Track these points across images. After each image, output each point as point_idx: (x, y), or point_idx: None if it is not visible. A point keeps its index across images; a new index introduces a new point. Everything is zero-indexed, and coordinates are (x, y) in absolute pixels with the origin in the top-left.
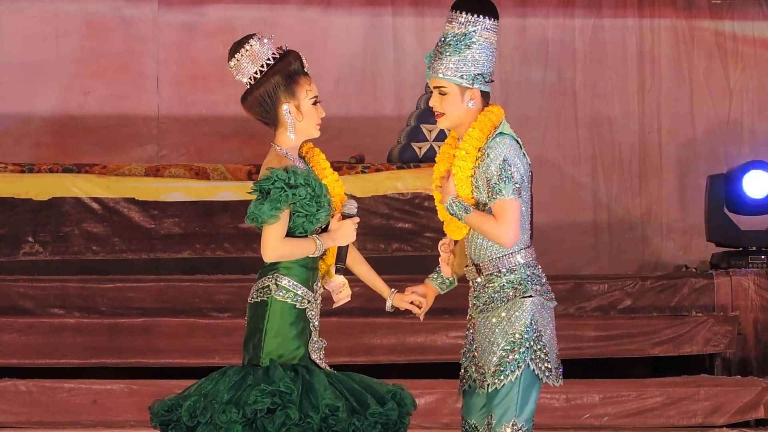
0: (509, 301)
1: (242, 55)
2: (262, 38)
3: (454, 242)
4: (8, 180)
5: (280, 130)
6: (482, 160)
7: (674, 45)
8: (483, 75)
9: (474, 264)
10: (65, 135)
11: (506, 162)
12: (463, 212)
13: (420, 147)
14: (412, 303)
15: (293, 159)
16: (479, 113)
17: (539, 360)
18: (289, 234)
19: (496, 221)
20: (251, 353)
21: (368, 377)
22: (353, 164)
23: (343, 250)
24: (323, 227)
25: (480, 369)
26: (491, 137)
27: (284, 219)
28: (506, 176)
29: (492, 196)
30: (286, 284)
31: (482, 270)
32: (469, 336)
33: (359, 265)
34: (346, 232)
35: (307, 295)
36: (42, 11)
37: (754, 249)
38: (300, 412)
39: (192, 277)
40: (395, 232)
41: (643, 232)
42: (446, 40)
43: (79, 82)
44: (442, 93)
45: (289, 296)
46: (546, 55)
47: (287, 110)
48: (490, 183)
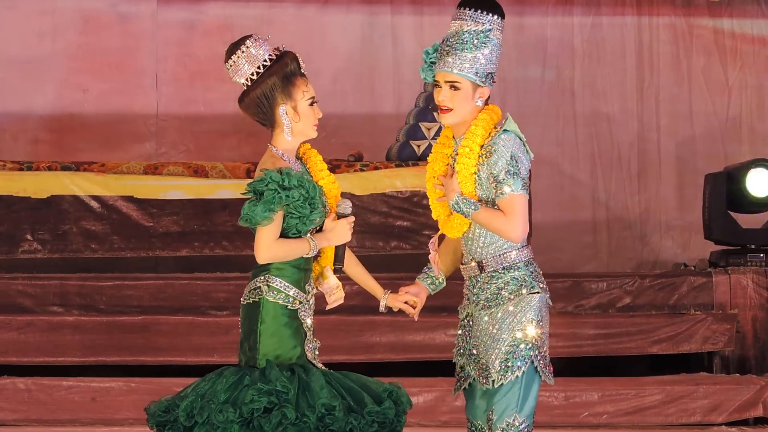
0: (517, 297)
1: (239, 56)
2: (259, 39)
3: (439, 242)
4: (7, 178)
5: (277, 131)
6: (487, 157)
7: (673, 43)
8: (493, 74)
9: (476, 261)
10: (63, 132)
11: (513, 158)
12: (471, 209)
13: (418, 145)
14: (407, 303)
15: (289, 160)
16: (480, 112)
17: (542, 357)
18: (283, 235)
19: (506, 216)
20: (248, 354)
21: (364, 376)
22: (352, 162)
23: (341, 250)
24: (317, 228)
25: (482, 365)
26: (497, 134)
27: (278, 220)
28: (514, 172)
29: (500, 192)
30: (278, 285)
31: (485, 267)
32: (464, 334)
33: (353, 266)
34: (341, 232)
35: (299, 296)
36: (38, 7)
37: (753, 247)
38: (296, 412)
39: (190, 275)
40: (394, 230)
41: (642, 230)
42: (461, 36)
43: (77, 79)
44: (455, 88)
45: (281, 297)
46: (544, 53)
47: (284, 111)
48: (497, 179)
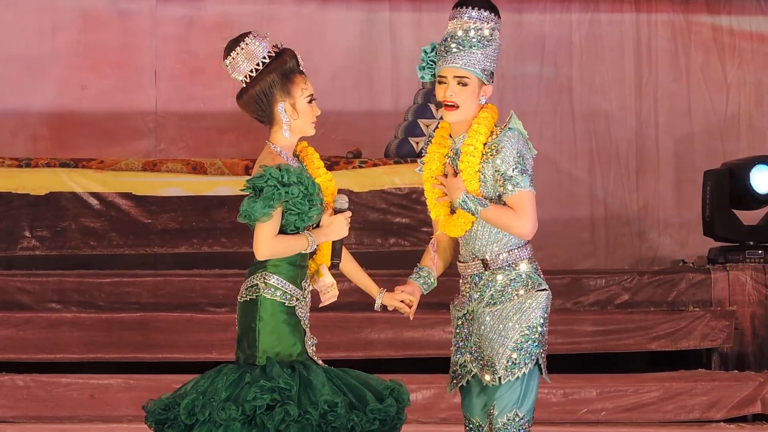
0: (524, 293)
1: (238, 54)
2: (258, 36)
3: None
4: (5, 175)
5: (275, 128)
6: (493, 155)
7: (671, 40)
8: (493, 73)
9: (480, 259)
10: (62, 129)
11: (520, 155)
12: (480, 206)
13: (417, 142)
14: (402, 302)
15: (287, 157)
16: (479, 111)
17: (544, 353)
18: (281, 231)
19: (516, 213)
20: (246, 352)
21: (365, 373)
22: (350, 159)
23: (338, 245)
24: (314, 224)
25: (487, 362)
26: (501, 132)
27: (277, 217)
28: (522, 169)
29: (508, 189)
30: (275, 282)
31: (489, 264)
32: (463, 332)
33: (348, 264)
34: (338, 228)
35: (296, 293)
36: (38, 5)
37: (752, 244)
38: (299, 409)
39: (189, 272)
40: (392, 227)
41: (640, 227)
42: (468, 34)
43: (76, 76)
44: (463, 84)
45: (278, 294)
46: (543, 50)
47: (283, 108)
48: (505, 176)
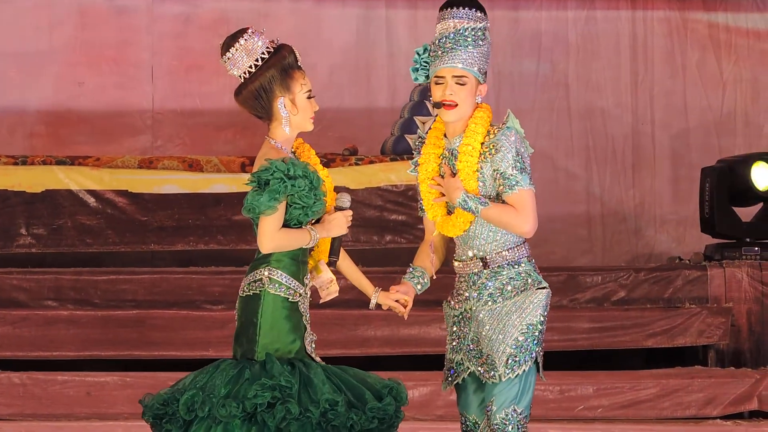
0: (525, 291)
1: (236, 49)
2: (256, 32)
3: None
4: (1, 172)
5: (275, 124)
6: (492, 155)
7: (667, 37)
8: (486, 73)
9: (479, 258)
10: (59, 126)
11: (518, 154)
12: (480, 205)
13: (413, 139)
14: (398, 302)
15: (287, 152)
16: (475, 110)
17: (542, 351)
18: (285, 226)
19: (517, 211)
20: (245, 347)
21: (362, 371)
22: (346, 156)
23: (336, 243)
24: (315, 220)
25: (486, 359)
26: (499, 131)
27: (281, 210)
28: (521, 167)
29: (508, 188)
30: (279, 277)
31: (489, 263)
32: (459, 330)
33: (343, 261)
34: (339, 225)
35: (299, 289)
36: (35, 1)
37: (748, 241)
38: (299, 407)
39: (185, 270)
40: (389, 224)
41: (637, 224)
42: (463, 33)
43: (73, 73)
44: (461, 83)
45: (282, 289)
46: (539, 47)
47: (282, 104)
48: (504, 175)
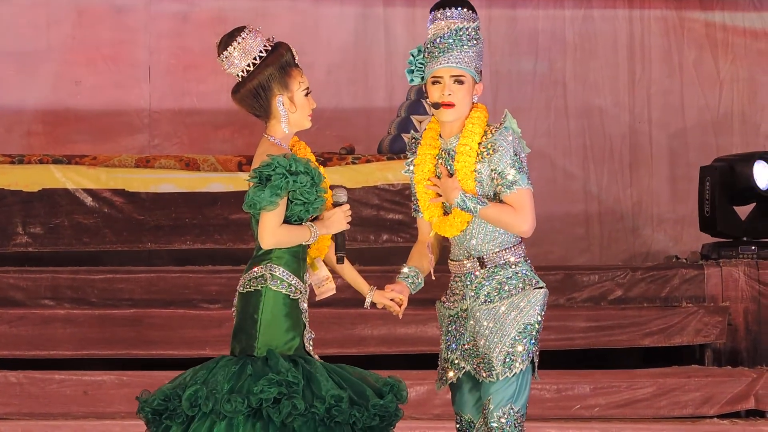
0: (522, 291)
1: (234, 48)
2: (253, 31)
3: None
4: None
5: (273, 122)
6: (490, 155)
7: (664, 36)
8: (481, 71)
9: (476, 258)
10: (56, 125)
11: (516, 153)
12: (479, 205)
13: (408, 139)
14: (393, 300)
15: (286, 149)
16: (471, 110)
17: (538, 350)
18: (285, 222)
19: (515, 211)
20: (244, 343)
21: (360, 369)
22: (343, 155)
23: (340, 239)
24: (315, 217)
25: (483, 358)
26: (497, 131)
27: (282, 206)
28: (519, 167)
29: (507, 187)
30: (280, 274)
31: (486, 262)
32: (456, 330)
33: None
34: (337, 220)
35: (299, 286)
36: (32, 0)
37: (745, 240)
38: (305, 402)
39: (182, 269)
40: (385, 223)
41: (634, 223)
42: (457, 33)
43: (70, 72)
44: (460, 82)
45: (283, 286)
46: (536, 46)
47: (280, 102)
48: (502, 175)
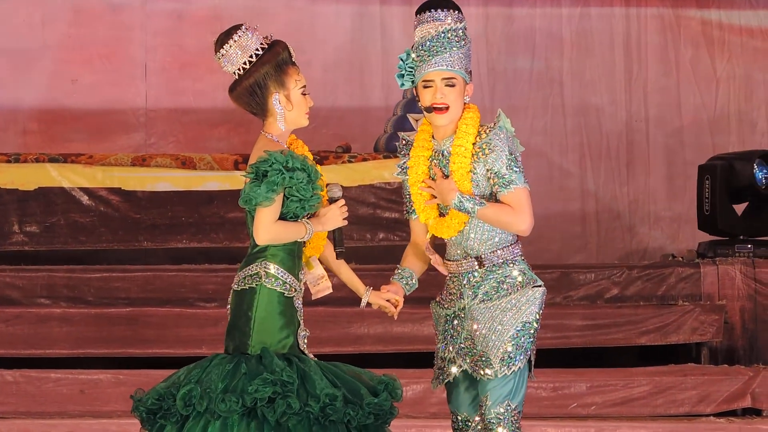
0: (521, 289)
1: (231, 46)
2: (249, 28)
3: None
4: None
5: (270, 120)
6: (485, 155)
7: (661, 34)
8: (471, 72)
9: (473, 257)
10: (52, 123)
11: (511, 153)
12: (477, 206)
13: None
14: (389, 301)
15: (284, 146)
16: (463, 111)
17: (534, 348)
18: (281, 218)
19: (513, 210)
20: (237, 341)
21: (355, 367)
22: (339, 154)
23: (338, 235)
24: (311, 214)
25: (481, 356)
26: (491, 131)
27: (278, 202)
28: (515, 166)
29: (504, 187)
30: (275, 272)
31: (484, 261)
32: (453, 329)
33: (335, 260)
34: (333, 216)
35: (294, 284)
36: None
37: (741, 238)
38: (299, 401)
39: (178, 267)
40: (382, 222)
41: (631, 221)
42: (446, 35)
43: (66, 70)
44: (451, 85)
45: (278, 284)
46: (533, 44)
47: (277, 100)
48: (499, 174)
